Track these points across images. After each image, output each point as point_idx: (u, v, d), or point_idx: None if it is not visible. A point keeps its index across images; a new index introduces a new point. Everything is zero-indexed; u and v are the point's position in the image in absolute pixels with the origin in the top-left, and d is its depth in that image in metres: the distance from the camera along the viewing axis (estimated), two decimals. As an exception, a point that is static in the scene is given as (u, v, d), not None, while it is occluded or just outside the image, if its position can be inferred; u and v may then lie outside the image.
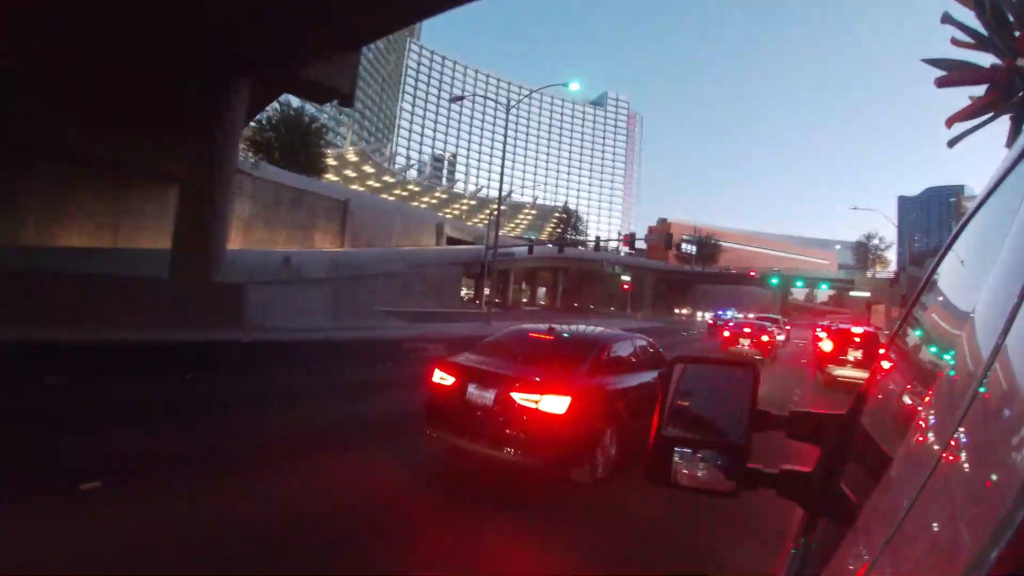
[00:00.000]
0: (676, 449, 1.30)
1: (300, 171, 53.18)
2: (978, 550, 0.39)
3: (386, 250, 45.83)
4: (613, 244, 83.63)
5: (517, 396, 5.91)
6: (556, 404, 5.78)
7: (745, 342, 22.02)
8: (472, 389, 6.20)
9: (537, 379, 6.05)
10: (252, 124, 60.43)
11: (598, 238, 56.28)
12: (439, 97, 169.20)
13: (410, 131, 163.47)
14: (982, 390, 0.50)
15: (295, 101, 58.71)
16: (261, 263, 32.75)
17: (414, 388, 8.66)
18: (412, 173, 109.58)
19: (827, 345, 17.70)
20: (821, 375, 17.54)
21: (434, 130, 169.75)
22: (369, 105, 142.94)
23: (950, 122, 29.96)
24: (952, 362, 0.65)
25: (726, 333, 23.62)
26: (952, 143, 30.81)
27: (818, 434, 1.35)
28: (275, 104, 68.44)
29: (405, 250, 48.09)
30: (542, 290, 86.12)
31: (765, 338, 22.27)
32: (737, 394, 1.33)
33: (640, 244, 76.55)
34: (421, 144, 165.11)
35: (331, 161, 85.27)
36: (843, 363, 16.95)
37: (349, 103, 17.27)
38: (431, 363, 6.83)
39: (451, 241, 64.73)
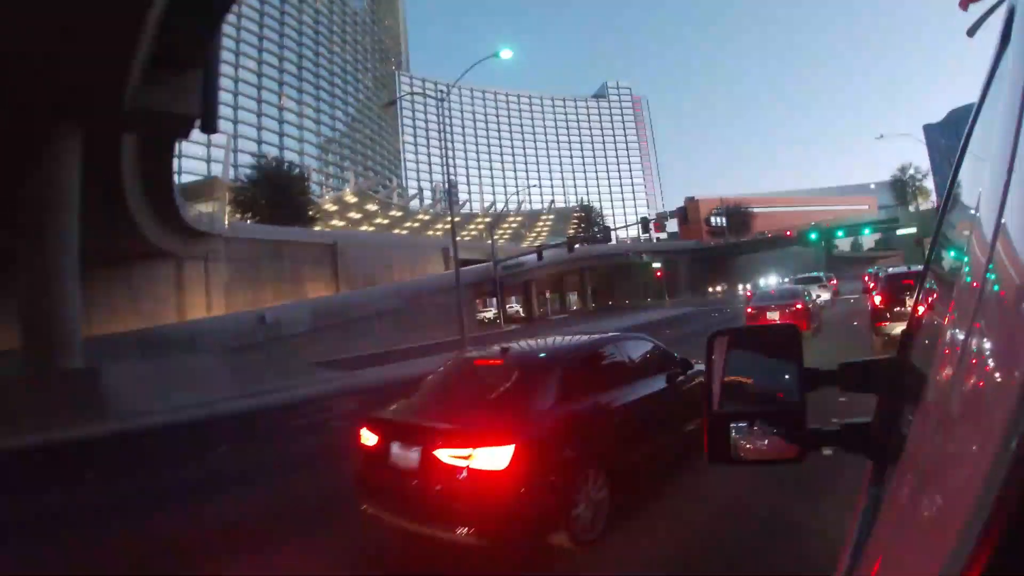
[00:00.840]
0: (732, 424, 1.28)
1: (289, 223, 51.60)
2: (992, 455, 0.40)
3: (375, 288, 43.15)
4: (634, 232, 79.40)
5: (443, 453, 4.53)
6: (494, 457, 4.36)
7: (774, 316, 17.94)
8: (395, 449, 4.91)
9: (469, 426, 4.67)
10: (234, 183, 60.03)
11: (607, 227, 52.26)
12: (440, 123, 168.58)
13: (416, 162, 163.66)
14: (991, 277, 0.49)
15: (270, 151, 57.65)
16: (231, 328, 30.47)
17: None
18: (415, 203, 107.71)
19: (878, 298, 14.06)
20: (876, 337, 13.61)
21: (442, 156, 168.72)
22: (370, 144, 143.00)
23: (965, 3, 25.13)
24: (968, 267, 0.65)
25: (749, 310, 19.57)
26: (972, 31, 25.92)
27: (870, 382, 1.34)
28: (252, 160, 67.58)
29: (399, 283, 45.35)
30: (574, 296, 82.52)
31: (798, 306, 18.11)
32: (783, 356, 1.32)
33: (672, 227, 73.76)
34: (431, 172, 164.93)
35: (331, 206, 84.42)
36: (900, 317, 12.89)
37: (210, 128, 14.20)
38: (357, 421, 5.52)
39: (462, 264, 61.98)
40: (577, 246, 65.98)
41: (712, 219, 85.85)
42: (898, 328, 12.72)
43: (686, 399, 6.27)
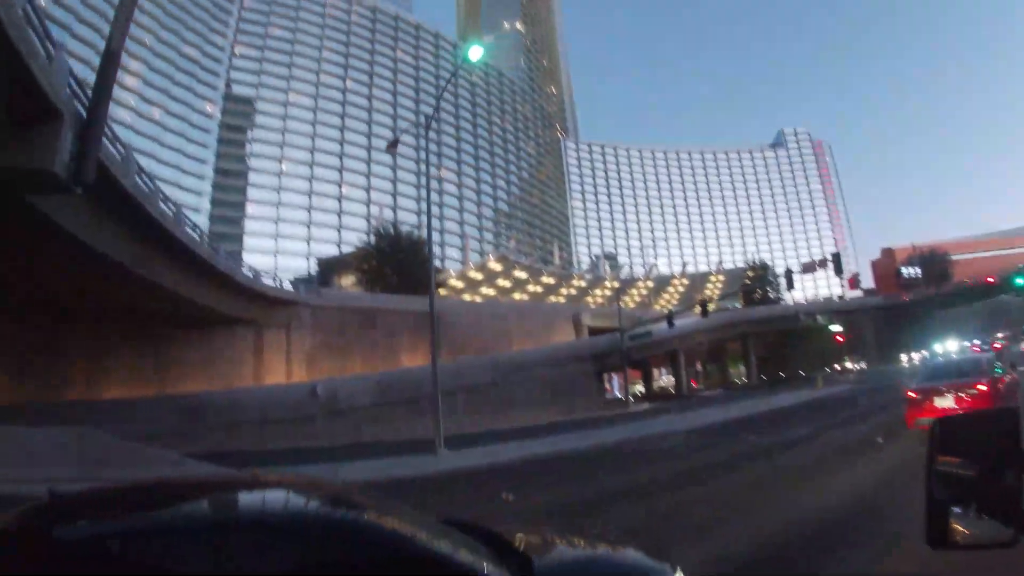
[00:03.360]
0: (952, 509, 1.36)
1: (413, 292, 52.64)
2: None
3: (465, 360, 41.33)
4: (823, 291, 70.83)
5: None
6: None
7: (946, 404, 12.29)
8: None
9: None
10: (360, 254, 62.93)
11: (788, 272, 46.46)
12: (608, 187, 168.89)
13: (586, 228, 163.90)
14: None
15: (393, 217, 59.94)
16: (281, 399, 30.37)
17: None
18: (554, 265, 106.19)
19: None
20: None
21: (611, 219, 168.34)
22: (537, 212, 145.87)
23: None
24: None
25: (911, 395, 13.30)
26: None
27: None
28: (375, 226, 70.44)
29: (495, 355, 43.11)
30: (738, 366, 74.66)
31: (981, 387, 12.30)
32: (998, 439, 1.37)
33: (867, 282, 65.08)
34: (602, 237, 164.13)
35: (475, 274, 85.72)
36: None
37: (83, 180, 13.36)
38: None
39: (593, 332, 58.89)
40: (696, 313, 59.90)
41: (904, 270, 74.16)
42: None
43: None
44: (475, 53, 20.43)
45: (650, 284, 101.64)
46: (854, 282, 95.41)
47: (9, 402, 24.57)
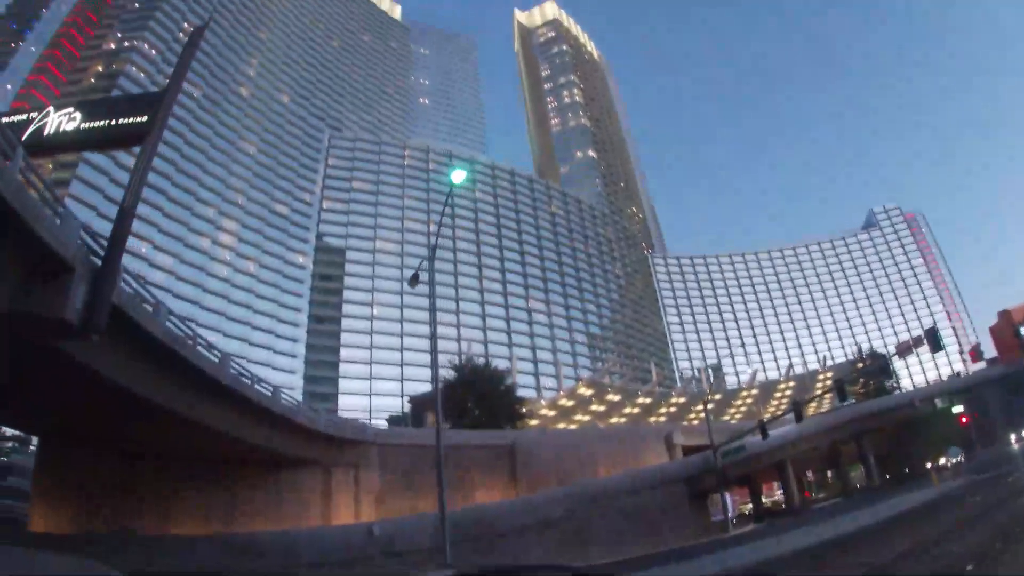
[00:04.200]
0: None
1: (497, 424, 52.30)
2: None
3: (539, 494, 39.70)
4: (939, 373, 65.32)
5: None
6: None
7: None
8: None
9: None
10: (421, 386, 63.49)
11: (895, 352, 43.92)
12: (702, 297, 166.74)
13: (685, 342, 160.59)
14: None
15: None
16: (338, 540, 29.84)
17: None
18: (651, 383, 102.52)
19: None
20: None
21: (710, 330, 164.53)
22: (631, 333, 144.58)
23: None
24: None
25: None
26: None
27: None
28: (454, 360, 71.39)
29: (571, 487, 41.17)
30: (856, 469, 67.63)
31: None
32: None
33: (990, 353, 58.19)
34: (703, 350, 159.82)
35: (566, 402, 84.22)
36: None
37: (95, 326, 14.44)
38: None
39: (688, 451, 55.60)
40: (847, 403, 55.05)
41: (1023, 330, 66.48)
42: None
43: None
44: (458, 176, 21.50)
45: (754, 392, 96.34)
46: (975, 354, 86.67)
47: (84, 531, 26.13)
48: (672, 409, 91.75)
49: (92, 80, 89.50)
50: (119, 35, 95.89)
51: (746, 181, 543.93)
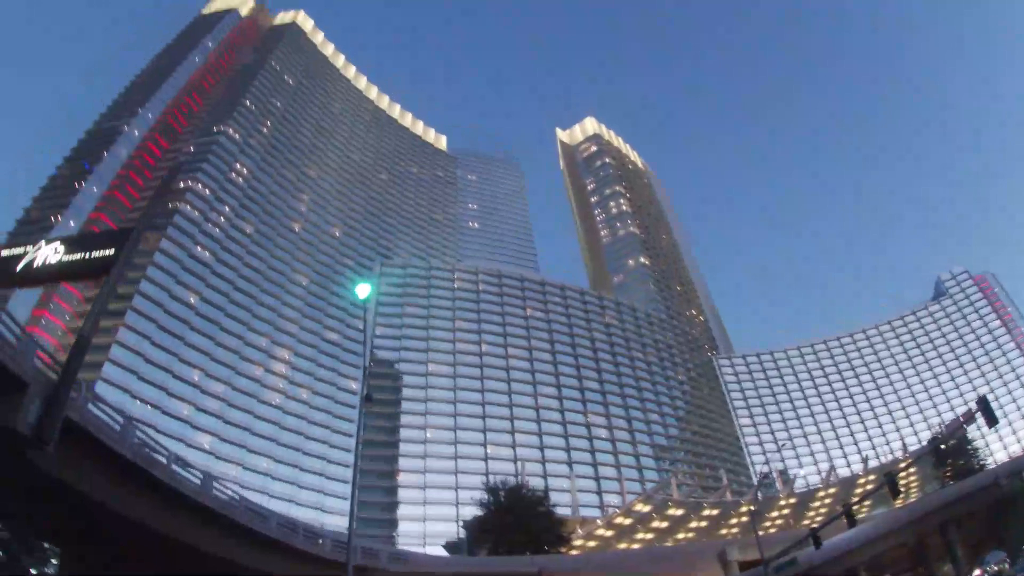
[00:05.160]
0: None
1: (536, 548, 50.68)
2: None
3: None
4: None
5: None
6: None
7: None
8: None
9: None
10: (477, 510, 62.02)
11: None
12: (774, 395, 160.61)
13: (760, 443, 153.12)
14: None
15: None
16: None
17: None
18: (721, 490, 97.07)
19: None
20: None
21: (785, 428, 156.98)
22: (700, 439, 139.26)
23: None
24: None
25: None
26: None
27: None
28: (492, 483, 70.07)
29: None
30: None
31: None
32: None
33: None
34: (779, 450, 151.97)
35: (623, 520, 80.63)
36: None
37: (45, 437, 15.61)
38: None
39: (745, 566, 52.15)
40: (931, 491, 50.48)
41: None
42: None
43: None
44: (362, 291, 22.50)
45: (832, 490, 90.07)
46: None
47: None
48: (744, 519, 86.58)
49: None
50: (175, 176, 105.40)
51: (806, 267, 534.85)
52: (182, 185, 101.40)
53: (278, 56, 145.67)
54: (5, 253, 20.87)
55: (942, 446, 64.69)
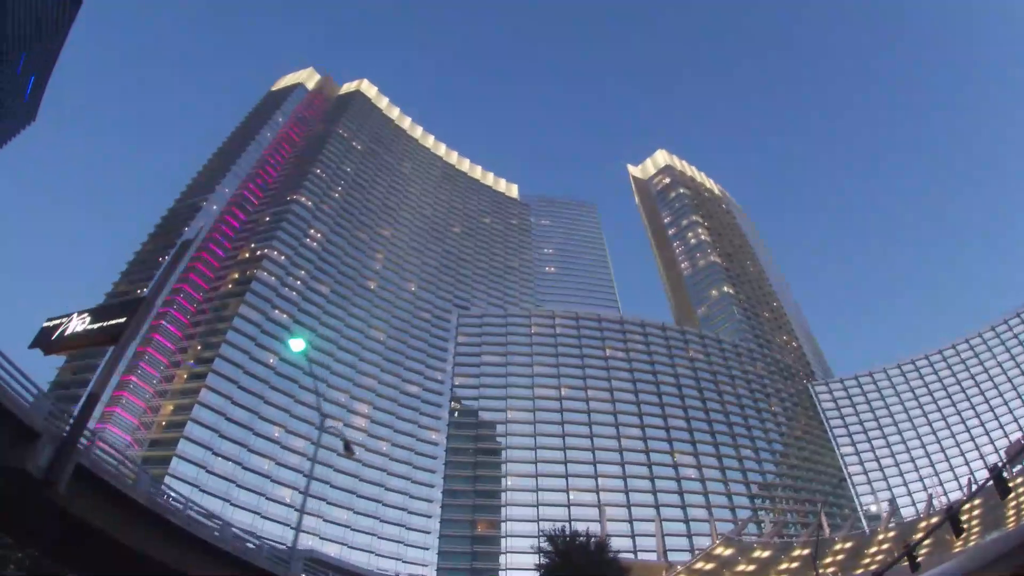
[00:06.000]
0: None
1: None
2: None
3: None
4: None
5: None
6: None
7: None
8: None
9: None
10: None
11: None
12: (877, 421, 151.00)
13: (865, 472, 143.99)
14: None
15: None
16: None
17: None
18: (815, 527, 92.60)
19: None
20: None
21: (891, 454, 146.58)
22: (799, 473, 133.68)
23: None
24: None
25: None
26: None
27: None
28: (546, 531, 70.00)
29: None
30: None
31: None
32: None
33: None
34: (886, 478, 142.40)
35: (703, 565, 78.55)
36: None
37: (54, 479, 18.80)
38: None
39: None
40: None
41: None
42: None
43: None
44: (296, 345, 24.00)
45: (933, 519, 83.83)
46: None
47: None
48: (840, 556, 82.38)
49: (229, 286, 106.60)
50: (252, 245, 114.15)
51: (900, 281, 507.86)
52: (258, 253, 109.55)
53: (345, 124, 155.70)
54: (48, 324, 24.78)
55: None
